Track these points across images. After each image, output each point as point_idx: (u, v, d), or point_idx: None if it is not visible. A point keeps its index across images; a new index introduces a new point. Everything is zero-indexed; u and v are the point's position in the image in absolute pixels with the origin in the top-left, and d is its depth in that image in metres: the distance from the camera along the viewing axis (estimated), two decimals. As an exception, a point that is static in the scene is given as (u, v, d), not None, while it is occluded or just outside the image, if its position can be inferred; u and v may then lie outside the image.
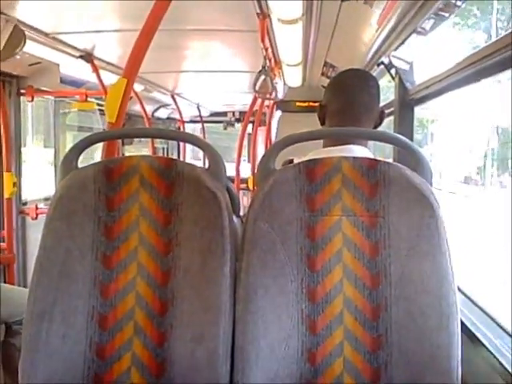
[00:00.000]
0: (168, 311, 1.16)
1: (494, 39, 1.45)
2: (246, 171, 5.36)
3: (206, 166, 1.25)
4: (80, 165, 1.24)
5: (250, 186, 4.79)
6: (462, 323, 1.18)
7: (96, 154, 3.03)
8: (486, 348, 1.36)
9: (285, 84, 4.57)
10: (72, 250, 1.17)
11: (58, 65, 3.16)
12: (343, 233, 1.13)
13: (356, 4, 2.17)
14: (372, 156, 1.32)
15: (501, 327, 1.49)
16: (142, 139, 5.68)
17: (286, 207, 1.13)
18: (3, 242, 3.21)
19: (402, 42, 2.19)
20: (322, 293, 1.12)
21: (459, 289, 1.13)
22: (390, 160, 1.29)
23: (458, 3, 1.74)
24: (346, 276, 1.12)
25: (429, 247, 1.09)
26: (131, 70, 1.52)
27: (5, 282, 3.03)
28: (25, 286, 3.08)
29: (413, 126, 2.46)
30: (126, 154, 5.37)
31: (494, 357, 1.30)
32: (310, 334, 1.12)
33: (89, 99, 3.59)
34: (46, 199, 3.74)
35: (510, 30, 1.31)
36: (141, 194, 1.19)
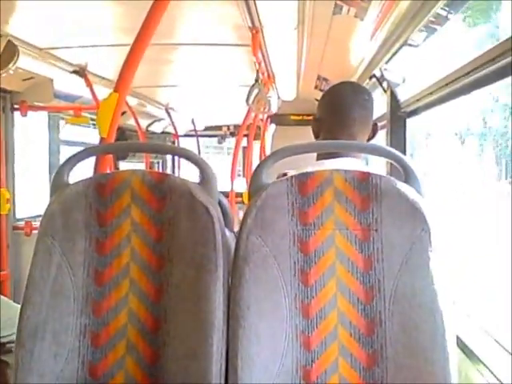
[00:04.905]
0: (161, 328, 1.14)
1: (485, 49, 1.46)
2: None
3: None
4: None
5: (245, 201, 4.78)
6: (459, 338, 1.16)
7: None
8: (484, 364, 1.34)
9: (278, 97, 4.58)
10: (63, 267, 1.15)
11: (52, 80, 3.16)
12: (336, 246, 1.12)
13: (347, 17, 2.19)
14: (364, 168, 1.31)
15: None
16: (136, 154, 5.66)
17: (279, 221, 1.12)
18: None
19: (394, 55, 2.21)
20: (315, 308, 1.11)
21: None
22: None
23: (449, 16, 1.75)
24: (340, 290, 1.11)
25: (422, 261, 1.08)
26: (123, 84, 1.52)
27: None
28: (19, 303, 3.05)
29: (405, 138, 2.47)
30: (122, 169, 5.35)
31: (492, 373, 1.29)
32: (304, 350, 1.10)
33: (83, 113, 3.59)
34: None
35: (501, 40, 1.31)
36: (132, 209, 1.18)
